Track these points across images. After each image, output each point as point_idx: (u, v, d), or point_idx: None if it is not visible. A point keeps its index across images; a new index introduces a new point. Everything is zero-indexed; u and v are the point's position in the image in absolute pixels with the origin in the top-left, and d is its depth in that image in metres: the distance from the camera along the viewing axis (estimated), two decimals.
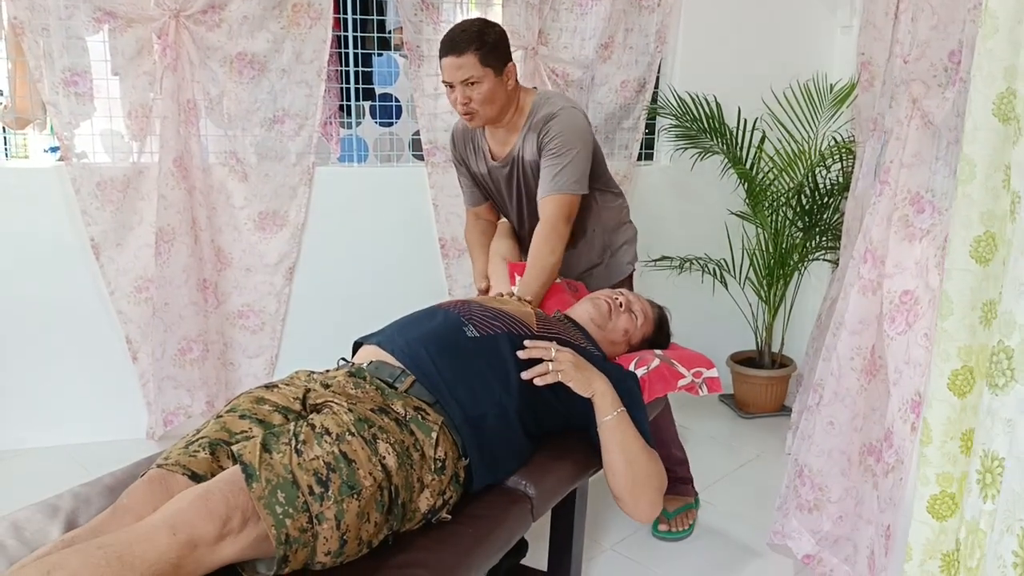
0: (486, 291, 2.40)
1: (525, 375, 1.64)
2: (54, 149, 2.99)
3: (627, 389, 1.74)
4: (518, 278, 2.25)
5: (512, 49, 3.05)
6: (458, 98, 2.19)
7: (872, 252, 2.00)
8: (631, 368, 1.91)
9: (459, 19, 3.06)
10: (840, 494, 2.11)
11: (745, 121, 3.14)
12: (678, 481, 2.45)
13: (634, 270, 2.48)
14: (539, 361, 1.67)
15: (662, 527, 2.41)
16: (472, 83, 2.16)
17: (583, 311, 2.01)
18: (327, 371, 1.63)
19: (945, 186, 1.84)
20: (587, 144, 2.24)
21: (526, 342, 1.69)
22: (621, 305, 2.02)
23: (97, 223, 2.79)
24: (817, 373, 2.20)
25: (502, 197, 2.44)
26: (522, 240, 2.48)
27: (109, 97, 2.78)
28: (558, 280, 2.28)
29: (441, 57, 2.19)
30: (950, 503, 1.24)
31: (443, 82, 2.23)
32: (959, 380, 1.20)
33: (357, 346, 1.78)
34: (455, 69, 2.15)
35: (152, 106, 2.77)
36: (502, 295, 2.12)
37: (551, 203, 2.20)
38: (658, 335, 2.11)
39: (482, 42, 2.15)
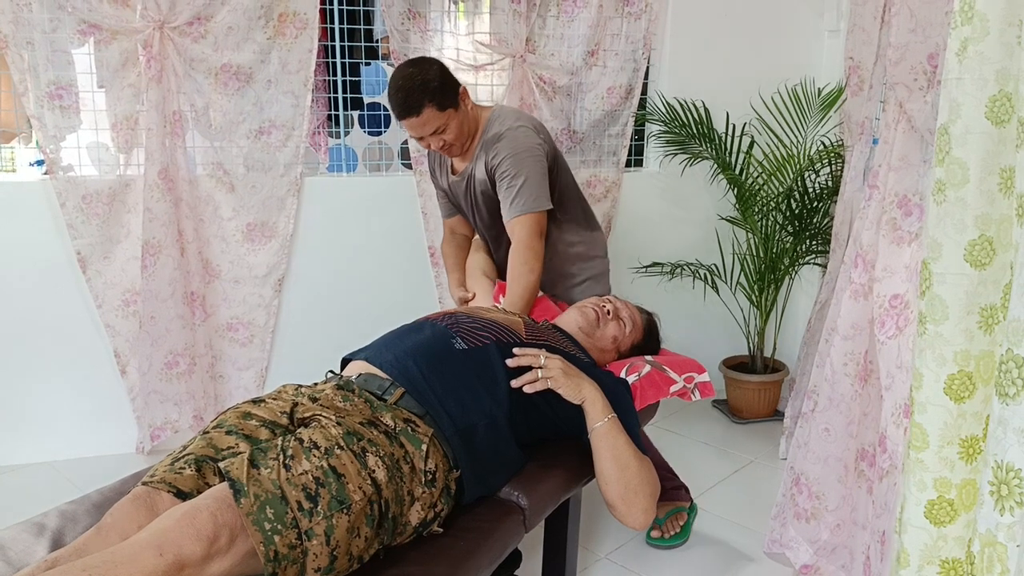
0: (466, 302, 2.40)
1: (515, 383, 1.63)
2: (40, 163, 2.97)
3: (618, 396, 1.73)
4: (503, 298, 2.25)
5: (499, 57, 3.08)
6: (432, 145, 2.22)
7: (863, 256, 2.00)
8: (622, 375, 1.90)
9: (446, 28, 3.06)
10: (837, 502, 2.10)
11: (733, 126, 3.15)
12: (668, 490, 2.44)
13: None
14: (528, 369, 1.66)
15: (654, 534, 2.40)
16: (441, 131, 2.18)
17: (570, 320, 2.00)
18: (315, 384, 1.61)
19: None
20: (537, 159, 2.22)
21: (515, 350, 1.68)
22: (609, 312, 2.01)
23: (83, 236, 2.77)
24: (811, 379, 2.20)
25: (463, 210, 2.47)
26: (490, 254, 2.50)
27: (95, 110, 2.76)
28: (540, 293, 2.28)
29: (399, 119, 2.18)
30: (948, 509, 1.23)
31: (410, 136, 2.24)
32: (956, 385, 1.19)
33: (345, 363, 1.76)
34: (420, 127, 2.17)
35: (138, 118, 2.75)
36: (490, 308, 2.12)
37: (518, 224, 2.20)
38: (648, 341, 2.10)
39: (431, 92, 2.12)
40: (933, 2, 1.76)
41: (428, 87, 2.13)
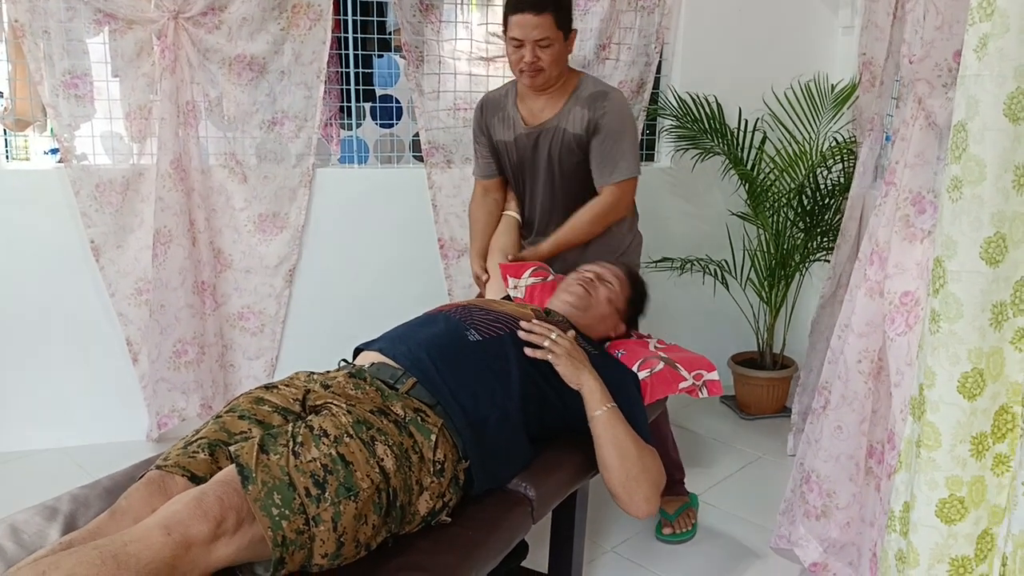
0: (484, 282, 2.40)
1: (526, 350, 1.67)
2: (54, 151, 2.98)
3: (626, 386, 1.75)
4: (511, 279, 2.25)
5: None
6: (526, 56, 2.19)
7: (879, 254, 1.99)
8: (635, 369, 1.91)
9: (459, 20, 3.06)
10: (848, 500, 2.09)
11: (746, 122, 3.13)
12: (675, 483, 2.44)
13: None
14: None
15: (666, 530, 2.40)
16: (545, 46, 2.17)
17: (561, 303, 1.98)
18: (327, 372, 1.62)
19: None
20: (635, 127, 2.32)
21: (524, 324, 1.71)
22: (592, 280, 2.00)
23: (97, 225, 2.79)
24: (822, 376, 2.19)
25: (520, 168, 2.43)
26: (526, 215, 2.49)
27: (109, 99, 2.78)
28: (551, 277, 2.26)
29: (512, 13, 2.17)
30: (959, 507, 1.23)
31: (510, 38, 2.20)
32: (969, 383, 1.19)
33: (357, 353, 1.77)
34: (531, 28, 2.14)
35: (152, 108, 2.77)
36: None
37: (610, 192, 2.27)
38: (637, 291, 2.09)
39: (559, 5, 2.17)
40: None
41: (560, 1, 2.19)
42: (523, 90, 2.36)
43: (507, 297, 2.20)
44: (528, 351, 1.67)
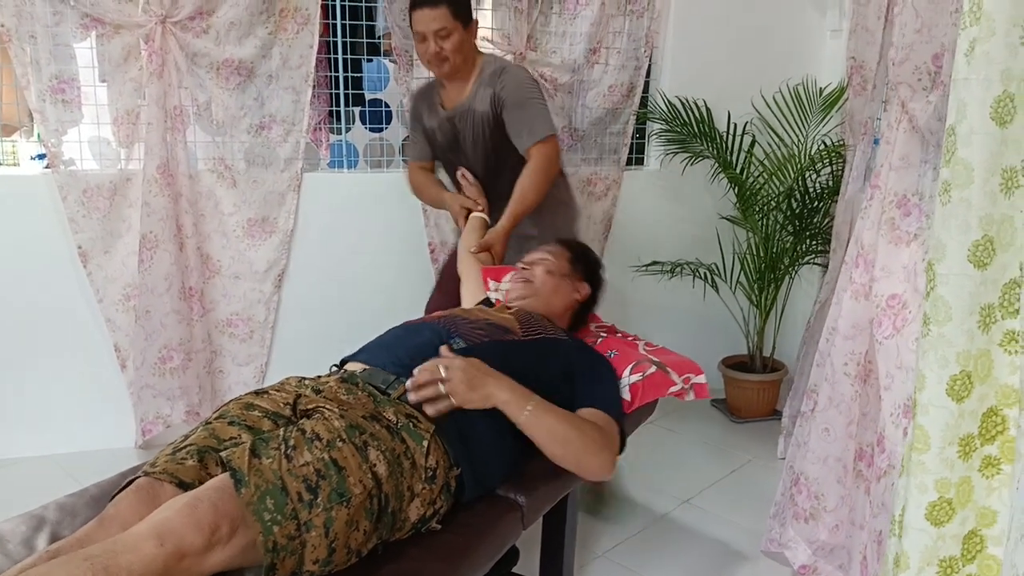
0: (467, 211, 2.53)
1: (412, 398, 1.52)
2: (42, 156, 2.96)
3: (592, 368, 1.79)
4: (492, 282, 2.25)
5: (501, 54, 3.08)
6: (430, 47, 2.37)
7: (864, 257, 2.00)
8: (626, 373, 1.91)
9: None
10: (836, 502, 2.10)
11: (735, 125, 3.15)
12: None
13: None
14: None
15: None
16: (444, 36, 2.35)
17: (520, 299, 2.01)
18: (319, 377, 1.61)
19: (933, 189, 1.84)
20: (540, 91, 2.47)
21: (415, 370, 1.54)
22: (523, 268, 2.08)
23: (84, 230, 2.77)
24: (811, 379, 2.20)
25: (447, 150, 2.59)
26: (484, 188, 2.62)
27: (97, 104, 2.76)
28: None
29: (413, 10, 2.36)
30: (947, 508, 1.24)
31: (415, 33, 2.39)
32: (957, 385, 1.20)
33: (343, 366, 1.75)
34: (428, 21, 2.33)
35: (139, 112, 2.75)
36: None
37: (537, 151, 2.39)
38: (573, 251, 2.13)
39: None
40: (938, 2, 1.76)
41: None
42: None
43: (487, 300, 2.20)
44: (428, 409, 1.51)
